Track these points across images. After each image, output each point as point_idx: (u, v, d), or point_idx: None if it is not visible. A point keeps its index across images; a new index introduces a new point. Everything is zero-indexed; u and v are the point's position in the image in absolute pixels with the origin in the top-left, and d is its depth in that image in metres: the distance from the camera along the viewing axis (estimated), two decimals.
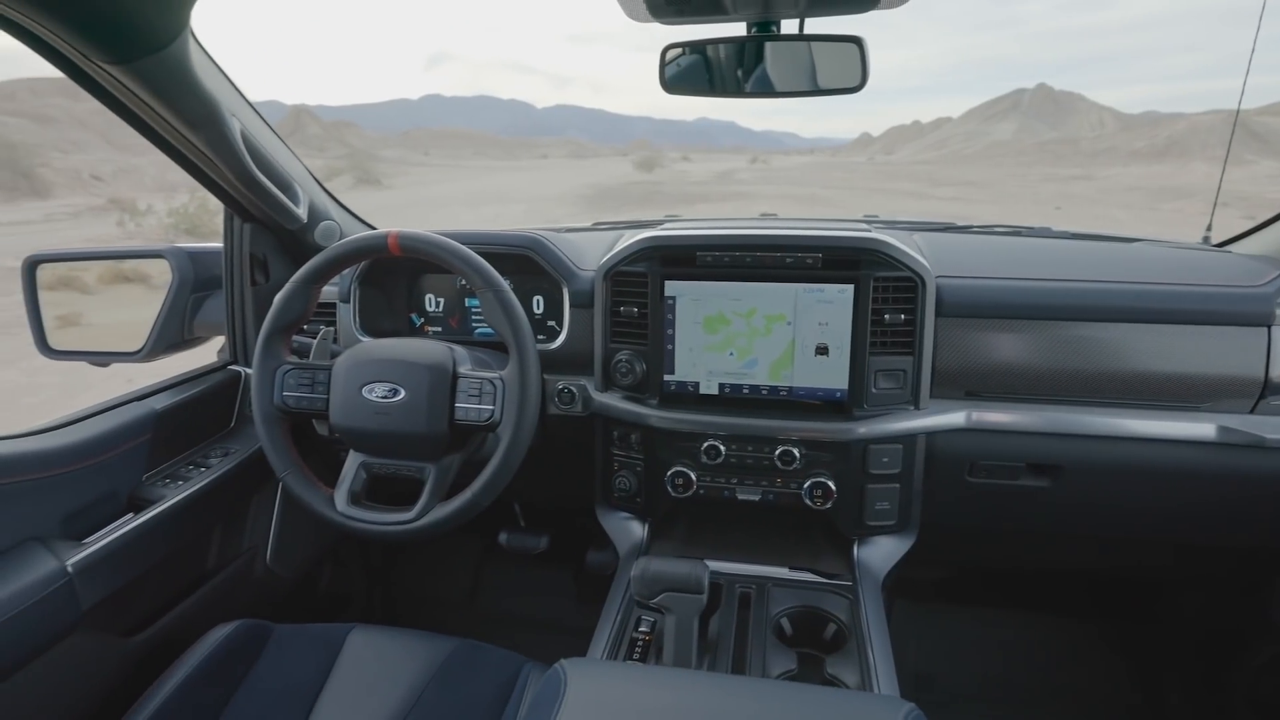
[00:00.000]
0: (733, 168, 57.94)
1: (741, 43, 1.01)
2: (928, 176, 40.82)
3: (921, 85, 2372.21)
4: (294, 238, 1.35)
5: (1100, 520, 1.18)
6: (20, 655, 0.88)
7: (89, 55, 0.87)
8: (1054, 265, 1.16)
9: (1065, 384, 1.09)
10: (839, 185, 32.16)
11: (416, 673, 1.02)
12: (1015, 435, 1.10)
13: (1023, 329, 1.09)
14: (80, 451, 1.03)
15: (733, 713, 0.65)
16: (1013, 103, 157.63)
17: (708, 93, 1.08)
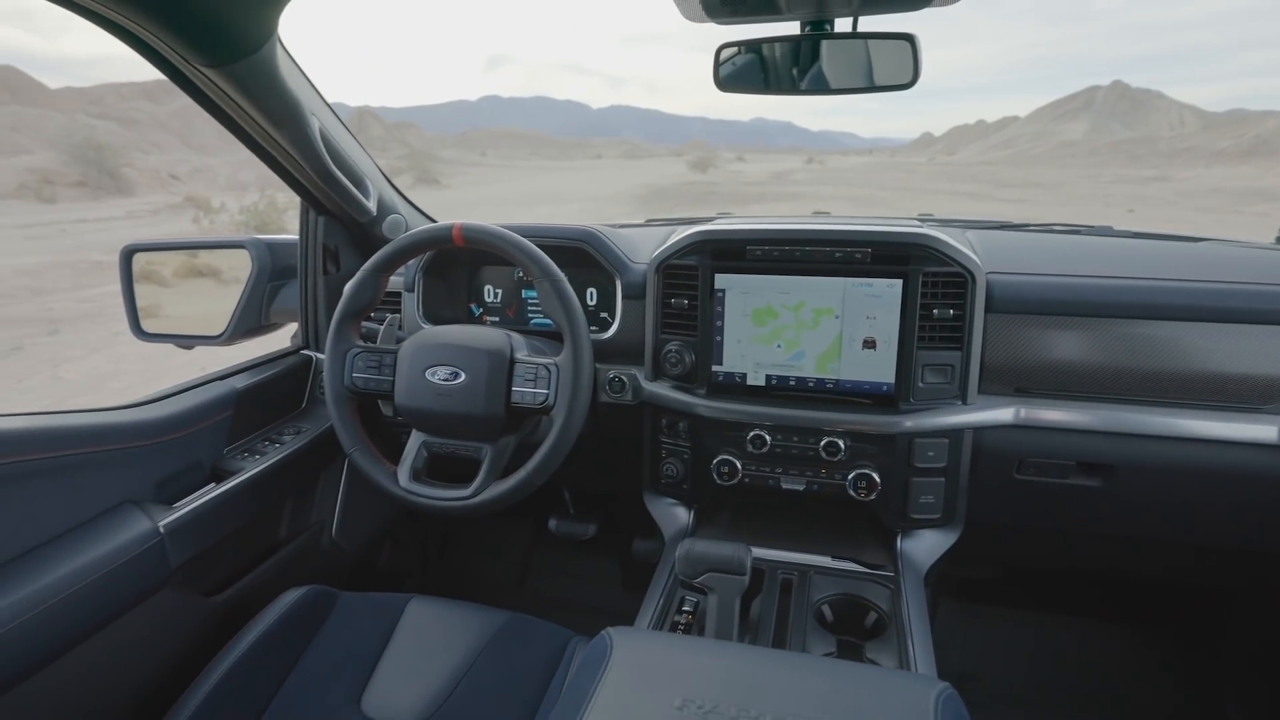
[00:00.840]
0: (788, 168, 57.32)
1: (795, 41, 1.03)
2: (992, 178, 39.56)
3: (987, 84, 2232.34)
4: (363, 230, 1.43)
5: (1153, 522, 1.15)
6: (118, 605, 0.97)
7: (189, 59, 0.95)
8: (1112, 263, 1.15)
9: (1120, 382, 1.07)
10: (897, 186, 31.47)
11: (470, 642, 1.08)
12: (1066, 433, 1.09)
13: (1076, 326, 1.08)
14: (171, 424, 1.12)
15: (770, 682, 0.67)
16: (1085, 101, 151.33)
17: (762, 90, 1.11)
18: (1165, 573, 1.39)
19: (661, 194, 26.93)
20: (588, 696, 0.67)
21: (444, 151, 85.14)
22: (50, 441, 0.92)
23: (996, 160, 64.99)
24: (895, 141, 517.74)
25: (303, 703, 0.99)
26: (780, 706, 0.64)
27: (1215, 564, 1.28)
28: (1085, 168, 50.80)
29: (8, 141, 36.90)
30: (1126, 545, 1.26)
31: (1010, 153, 74.65)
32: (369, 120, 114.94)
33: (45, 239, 14.55)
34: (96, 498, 0.99)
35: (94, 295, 8.96)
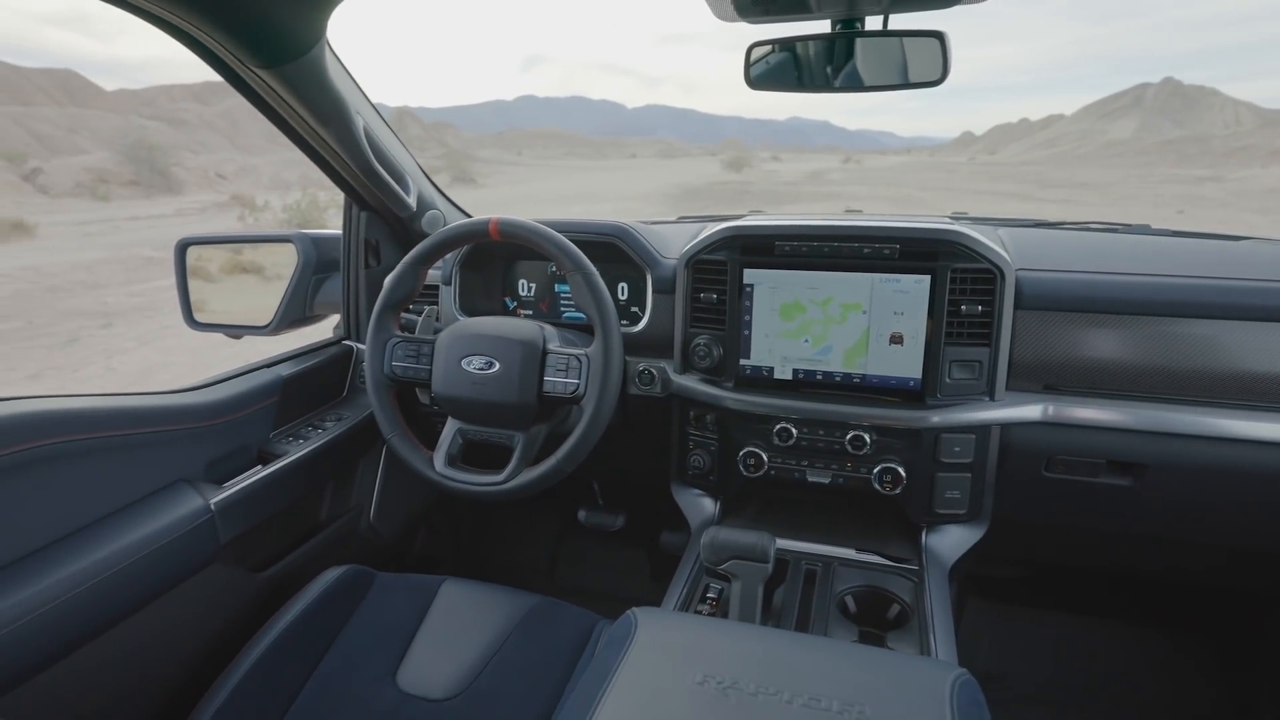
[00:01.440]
0: (824, 168, 56.72)
1: (825, 39, 1.04)
2: (1035, 178, 38.61)
3: (1031, 81, 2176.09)
4: (403, 225, 1.48)
5: (1185, 523, 1.14)
6: (172, 578, 1.03)
7: (244, 61, 1.01)
8: (1147, 261, 1.14)
9: (1151, 380, 1.06)
10: (936, 186, 30.93)
11: (500, 623, 1.12)
12: (1097, 431, 1.09)
13: (1108, 323, 1.07)
14: (221, 408, 1.18)
15: (788, 662, 0.69)
16: (1134, 98, 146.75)
17: (792, 88, 1.12)
18: (1198, 575, 1.36)
19: (695, 193, 26.89)
20: (612, 671, 0.70)
21: (481, 151, 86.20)
22: (116, 420, 0.98)
23: (1040, 160, 63.41)
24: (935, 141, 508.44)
25: (342, 675, 1.04)
26: (798, 685, 0.66)
27: (1249, 567, 1.26)
28: (1133, 167, 49.25)
29: (67, 142, 38.43)
30: (1158, 546, 1.25)
31: (1054, 152, 72.77)
32: (407, 120, 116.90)
33: (100, 235, 15.15)
34: (154, 475, 1.05)
35: (144, 290, 9.30)
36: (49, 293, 9.20)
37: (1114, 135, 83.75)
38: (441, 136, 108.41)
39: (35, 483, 0.88)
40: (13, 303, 8.62)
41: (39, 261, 11.17)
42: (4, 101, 50.17)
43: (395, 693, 1.02)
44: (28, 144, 35.26)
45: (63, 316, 7.98)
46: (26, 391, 0.93)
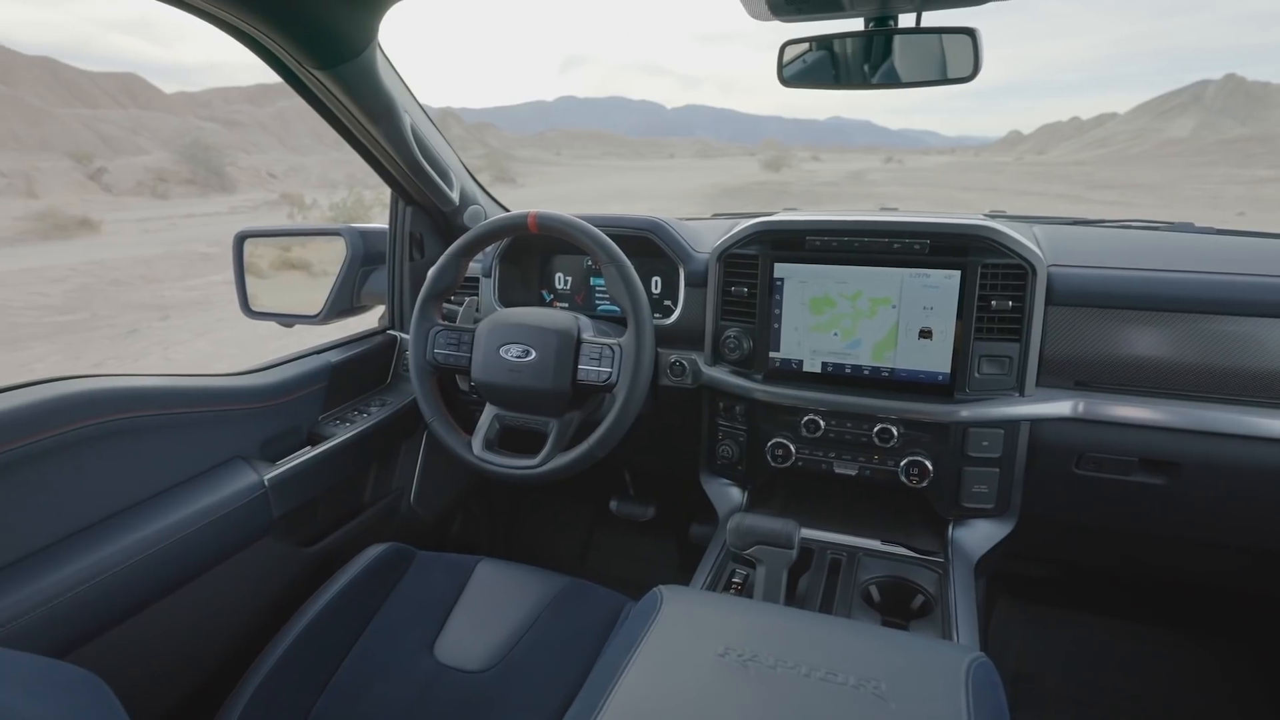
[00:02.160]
0: (865, 168, 55.92)
1: (858, 37, 1.06)
2: (1085, 178, 37.42)
3: (1083, 79, 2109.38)
4: (446, 220, 1.54)
5: (1221, 525, 1.12)
6: (227, 548, 1.10)
7: (301, 62, 1.07)
8: (1187, 258, 1.12)
9: (1186, 378, 1.05)
10: (980, 187, 30.22)
11: (533, 602, 1.16)
12: (1129, 428, 1.08)
13: (1142, 320, 1.07)
14: (275, 391, 1.25)
15: (808, 639, 0.72)
16: (1193, 96, 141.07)
17: (825, 85, 1.14)
18: (1231, 578, 1.34)
19: (733, 193, 26.77)
20: (637, 642, 0.73)
21: (520, 151, 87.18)
22: (181, 399, 1.05)
23: (1091, 160, 61.45)
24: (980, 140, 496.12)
25: (383, 646, 1.10)
26: (815, 660, 0.69)
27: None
28: (1191, 167, 47.38)
29: (129, 143, 40.07)
30: (1191, 547, 1.23)
31: (1107, 152, 70.42)
32: (450, 121, 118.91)
33: (158, 232, 15.77)
34: (213, 451, 1.12)
35: (199, 284, 9.67)
36: (111, 286, 9.64)
37: (1171, 134, 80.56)
38: (483, 137, 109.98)
39: (109, 453, 0.96)
40: (78, 295, 9.06)
41: (103, 256, 11.70)
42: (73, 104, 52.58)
43: (433, 663, 1.07)
44: (94, 144, 36.90)
45: (124, 309, 8.35)
46: None
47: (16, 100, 39.96)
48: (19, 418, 0.85)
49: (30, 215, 16.13)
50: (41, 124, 38.85)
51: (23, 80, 56.62)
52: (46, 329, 7.46)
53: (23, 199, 22.77)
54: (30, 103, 40.58)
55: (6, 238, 14.32)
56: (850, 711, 0.62)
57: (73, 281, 9.82)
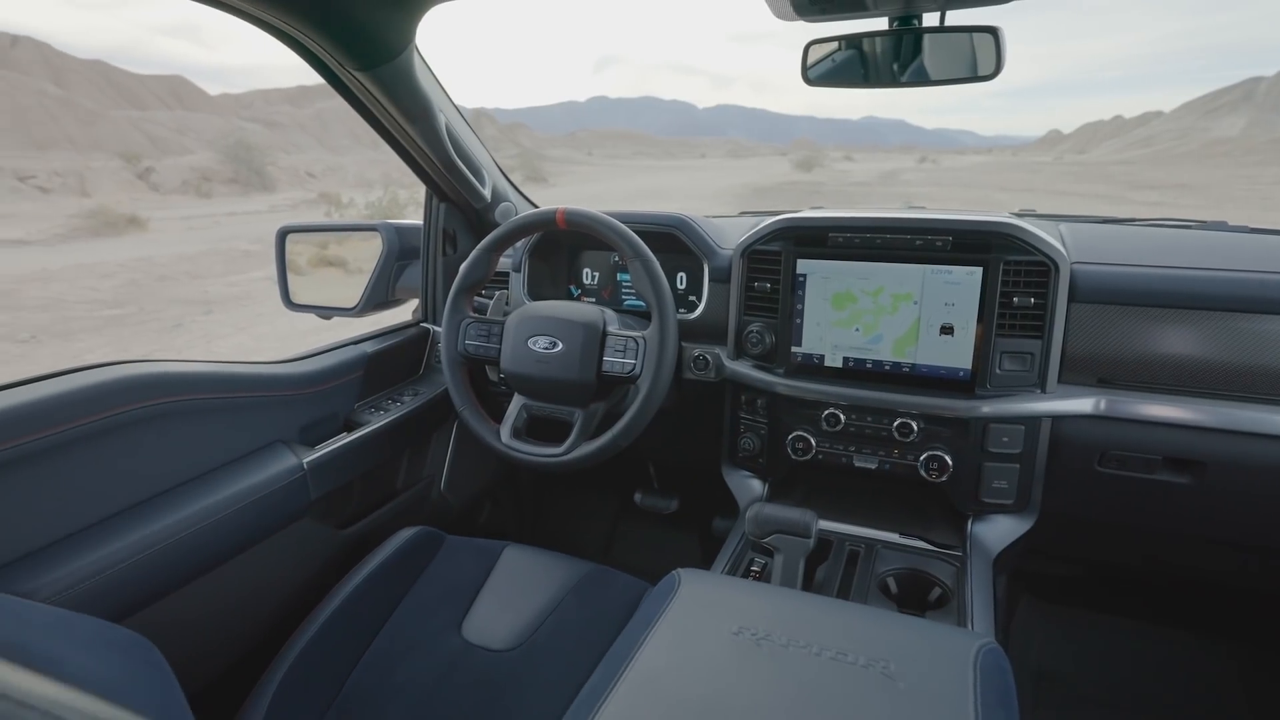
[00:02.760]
0: (899, 168, 55.13)
1: (882, 36, 1.08)
2: (1127, 179, 36.39)
3: (1126, 76, 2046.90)
4: (478, 216, 1.59)
5: (1247, 526, 1.11)
6: (268, 527, 1.15)
7: (343, 64, 1.12)
8: (1216, 256, 1.12)
9: (1213, 377, 1.05)
10: (1017, 187, 29.59)
11: (557, 586, 1.20)
12: (1153, 426, 1.08)
13: (1166, 318, 1.06)
14: (314, 379, 1.30)
15: (821, 621, 0.74)
16: (1244, 93, 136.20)
17: (850, 84, 1.15)
18: (1257, 580, 1.32)
19: (763, 193, 26.62)
20: (654, 620, 0.76)
21: (552, 151, 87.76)
22: (226, 384, 1.11)
23: (1134, 159, 59.71)
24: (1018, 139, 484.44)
25: (413, 624, 1.14)
26: (827, 640, 0.71)
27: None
28: (1240, 167, 45.76)
29: (175, 143, 41.31)
30: (1215, 547, 1.22)
31: (1151, 151, 68.34)
32: (484, 121, 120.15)
33: (202, 230, 16.25)
34: (256, 435, 1.18)
35: (240, 280, 9.94)
36: (158, 282, 9.97)
37: (1219, 133, 77.81)
38: (515, 136, 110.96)
39: (160, 434, 1.02)
40: (127, 290, 9.39)
41: (150, 253, 12.11)
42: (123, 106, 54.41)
43: (460, 642, 1.11)
44: (142, 145, 38.13)
45: (169, 304, 8.64)
46: None
47: (71, 102, 41.46)
48: (79, 398, 0.91)
49: (82, 213, 16.75)
50: (94, 125, 40.26)
51: (77, 83, 58.75)
52: (96, 322, 7.75)
53: (76, 197, 23.63)
54: (84, 105, 42.08)
55: (61, 234, 14.89)
56: (858, 689, 0.64)
57: (121, 277, 10.18)
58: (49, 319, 7.85)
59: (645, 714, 0.62)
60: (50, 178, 26.24)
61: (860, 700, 0.63)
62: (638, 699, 0.64)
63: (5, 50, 55.62)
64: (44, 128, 37.56)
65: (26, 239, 14.28)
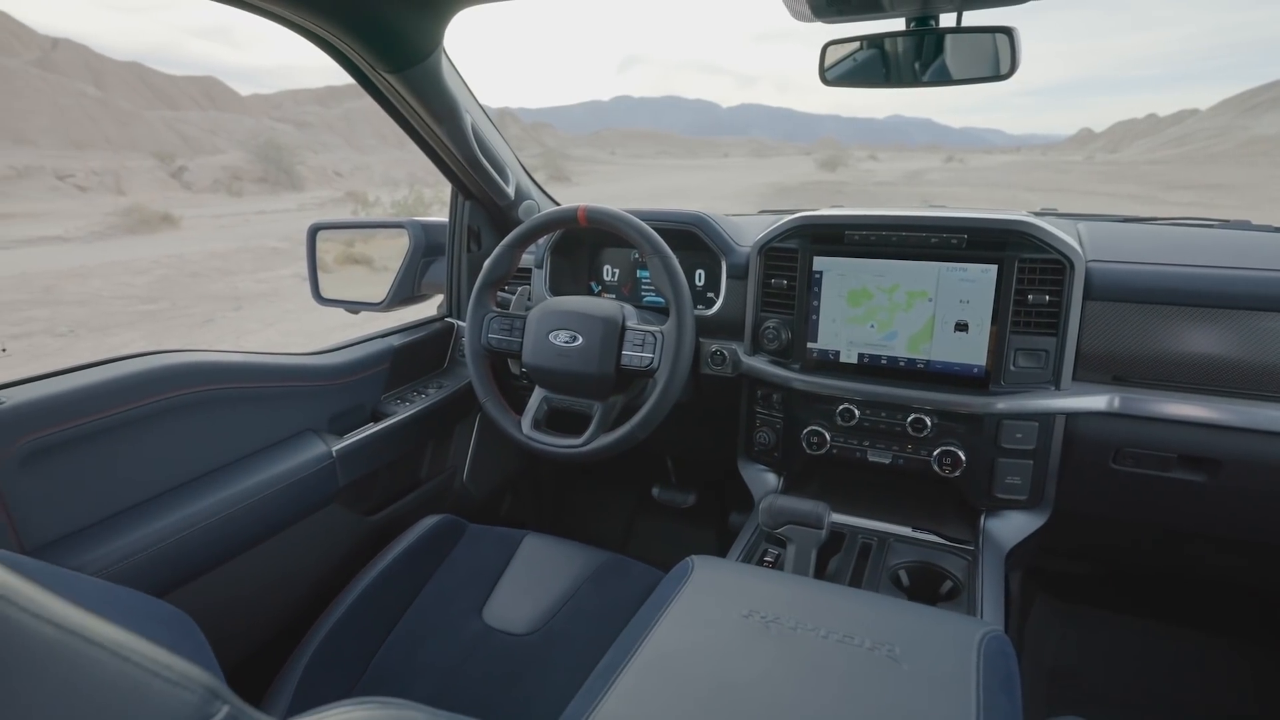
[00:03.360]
0: (924, 167, 54.45)
1: (899, 37, 1.09)
2: (1160, 179, 35.57)
3: (1161, 74, 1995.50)
4: (502, 214, 1.63)
5: (1262, 524, 1.11)
6: (298, 511, 1.20)
7: (374, 66, 1.17)
8: (1235, 255, 1.11)
9: (1229, 375, 1.05)
10: (1045, 187, 29.09)
11: (575, 573, 1.23)
12: (1168, 424, 1.08)
13: (1182, 316, 1.06)
14: (342, 370, 1.35)
15: (829, 606, 0.76)
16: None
17: (867, 84, 1.17)
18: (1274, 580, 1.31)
19: (787, 193, 26.47)
20: (667, 603, 0.79)
21: (576, 150, 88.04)
22: (261, 374, 1.16)
23: (1168, 159, 58.36)
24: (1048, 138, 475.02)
25: (435, 608, 1.18)
26: (834, 624, 0.73)
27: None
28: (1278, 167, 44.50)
29: (208, 143, 42.16)
30: (1232, 546, 1.22)
31: (1185, 150, 66.71)
32: (507, 120, 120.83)
33: (232, 227, 16.59)
34: (288, 423, 1.23)
35: (269, 277, 10.14)
36: (190, 278, 10.21)
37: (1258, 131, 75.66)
38: (539, 136, 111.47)
39: (198, 420, 1.06)
40: (160, 286, 9.63)
41: (182, 250, 12.40)
42: (157, 106, 55.64)
43: (481, 626, 1.15)
44: (176, 144, 38.98)
45: (200, 299, 8.84)
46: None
47: (109, 103, 42.49)
48: (126, 385, 0.96)
49: (118, 211, 17.19)
50: (130, 125, 41.23)
51: (114, 84, 60.19)
52: (131, 317, 7.97)
53: (112, 196, 24.23)
54: (121, 105, 43.11)
55: (98, 231, 15.29)
56: (863, 670, 0.66)
57: (155, 273, 10.44)
58: (86, 313, 8.09)
59: (656, 691, 0.65)
60: (88, 176, 26.94)
61: (864, 680, 0.65)
62: (649, 677, 0.67)
63: (47, 53, 57.15)
64: (82, 128, 38.56)
65: (65, 236, 14.70)
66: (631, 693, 0.64)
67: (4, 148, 31.90)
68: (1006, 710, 0.63)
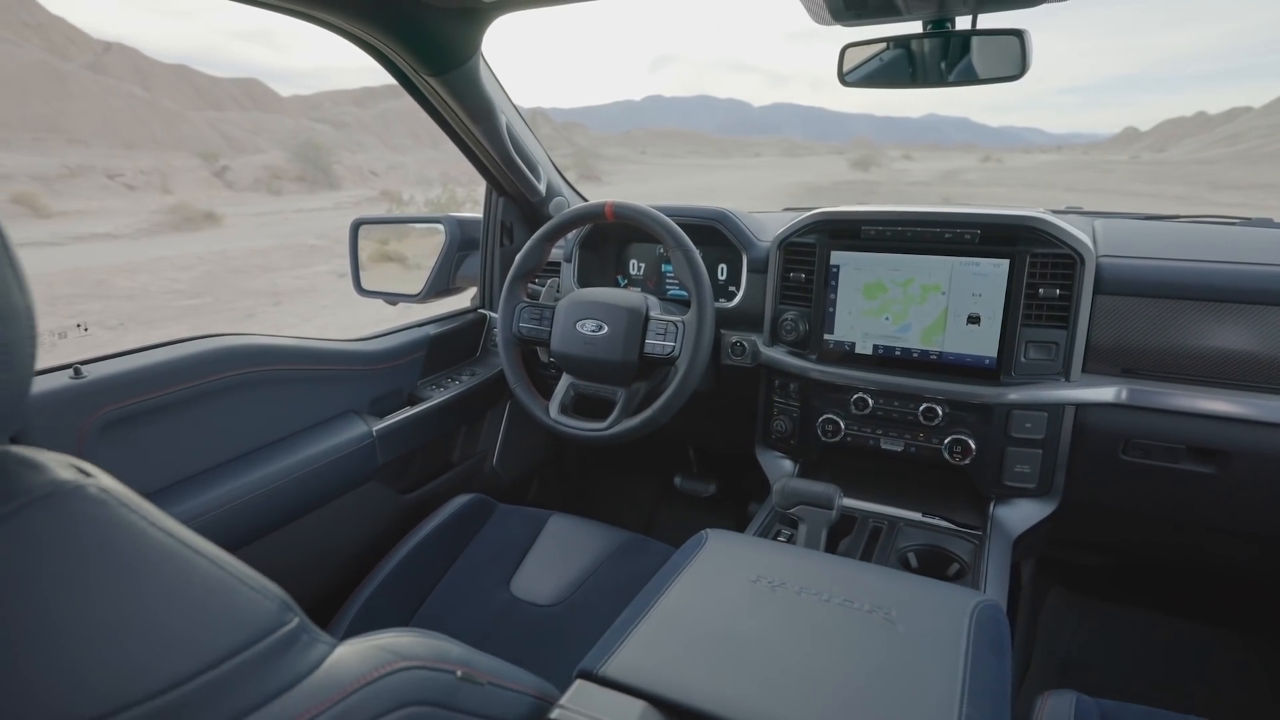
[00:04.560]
0: (960, 167, 53.52)
1: (915, 39, 1.13)
2: (1208, 179, 34.43)
3: (1212, 70, 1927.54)
4: (534, 210, 1.70)
5: (1271, 516, 1.13)
6: (340, 486, 1.28)
7: (417, 70, 1.25)
8: (1249, 251, 1.13)
9: (1237, 368, 1.07)
10: (1085, 188, 28.40)
11: (597, 550, 1.29)
12: (1176, 416, 1.11)
13: (1190, 309, 1.09)
14: (383, 356, 1.43)
15: (833, 574, 0.81)
16: None
17: (884, 85, 1.21)
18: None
19: (818, 192, 26.27)
20: (680, 570, 0.85)
21: (607, 150, 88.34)
22: (309, 357, 1.24)
23: (1217, 158, 56.49)
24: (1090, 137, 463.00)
25: (466, 579, 1.26)
26: (836, 589, 0.78)
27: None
28: None
29: (249, 143, 43.27)
30: (1241, 538, 1.23)
31: (1236, 149, 64.48)
32: (540, 120, 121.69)
33: (271, 225, 17.04)
34: (332, 404, 1.31)
35: (307, 274, 10.42)
36: (231, 274, 10.54)
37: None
38: (570, 136, 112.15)
39: (252, 398, 1.15)
40: (204, 282, 9.97)
41: (225, 247, 12.79)
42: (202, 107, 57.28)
43: (508, 597, 1.22)
44: (219, 144, 40.08)
45: (242, 295, 9.13)
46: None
47: (156, 104, 43.86)
48: (190, 364, 1.05)
49: (164, 209, 17.78)
50: (176, 126, 42.52)
51: (161, 86, 62.08)
52: (176, 311, 8.27)
53: (159, 194, 25.04)
54: (167, 106, 44.47)
55: (145, 229, 15.85)
56: (860, 629, 0.71)
57: (199, 269, 10.80)
58: (135, 307, 8.42)
59: (667, 641, 0.71)
60: (136, 175, 27.86)
61: (861, 638, 0.70)
62: (661, 630, 0.73)
63: (99, 56, 59.22)
64: (131, 128, 39.89)
65: (114, 233, 15.25)
66: (644, 642, 0.71)
67: (58, 148, 33.17)
68: (993, 667, 0.67)
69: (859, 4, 1.09)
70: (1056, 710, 0.84)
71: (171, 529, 0.42)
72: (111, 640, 0.37)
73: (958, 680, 0.64)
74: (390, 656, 0.54)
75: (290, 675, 0.45)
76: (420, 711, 0.55)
